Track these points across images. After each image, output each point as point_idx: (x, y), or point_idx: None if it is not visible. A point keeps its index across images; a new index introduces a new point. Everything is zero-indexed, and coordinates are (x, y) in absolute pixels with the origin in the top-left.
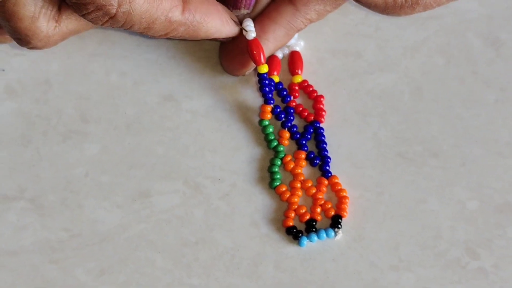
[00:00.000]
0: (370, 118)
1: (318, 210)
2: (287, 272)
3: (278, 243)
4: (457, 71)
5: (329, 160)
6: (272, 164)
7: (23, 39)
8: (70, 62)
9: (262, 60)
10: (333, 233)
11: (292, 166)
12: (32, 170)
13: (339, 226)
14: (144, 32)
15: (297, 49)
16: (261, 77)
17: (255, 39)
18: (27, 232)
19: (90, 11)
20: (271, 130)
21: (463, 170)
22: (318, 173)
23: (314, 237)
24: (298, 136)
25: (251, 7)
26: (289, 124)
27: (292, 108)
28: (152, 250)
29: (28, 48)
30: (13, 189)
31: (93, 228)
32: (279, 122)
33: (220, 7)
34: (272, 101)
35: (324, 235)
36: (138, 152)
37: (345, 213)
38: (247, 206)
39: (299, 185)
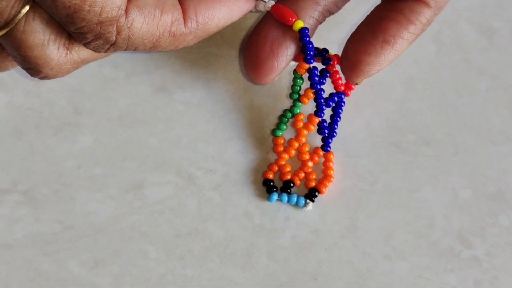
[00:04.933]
0: (363, 107)
1: (302, 175)
2: (280, 262)
3: (271, 233)
4: (449, 60)
5: (334, 134)
6: (283, 115)
7: (34, 68)
8: None
9: (293, 18)
10: (303, 202)
11: (301, 125)
12: (25, 163)
13: (313, 199)
14: (151, 50)
15: None
16: (302, 33)
17: (275, 4)
18: (20, 225)
19: (90, 40)
20: (300, 83)
21: (456, 158)
22: (319, 143)
23: (285, 197)
24: (322, 100)
25: None
26: (318, 87)
27: (328, 72)
28: (145, 242)
29: (39, 78)
30: (5, 182)
31: (86, 220)
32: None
33: None
34: (312, 61)
35: (295, 200)
36: (130, 144)
37: (324, 190)
38: (240, 197)
39: (297, 145)
